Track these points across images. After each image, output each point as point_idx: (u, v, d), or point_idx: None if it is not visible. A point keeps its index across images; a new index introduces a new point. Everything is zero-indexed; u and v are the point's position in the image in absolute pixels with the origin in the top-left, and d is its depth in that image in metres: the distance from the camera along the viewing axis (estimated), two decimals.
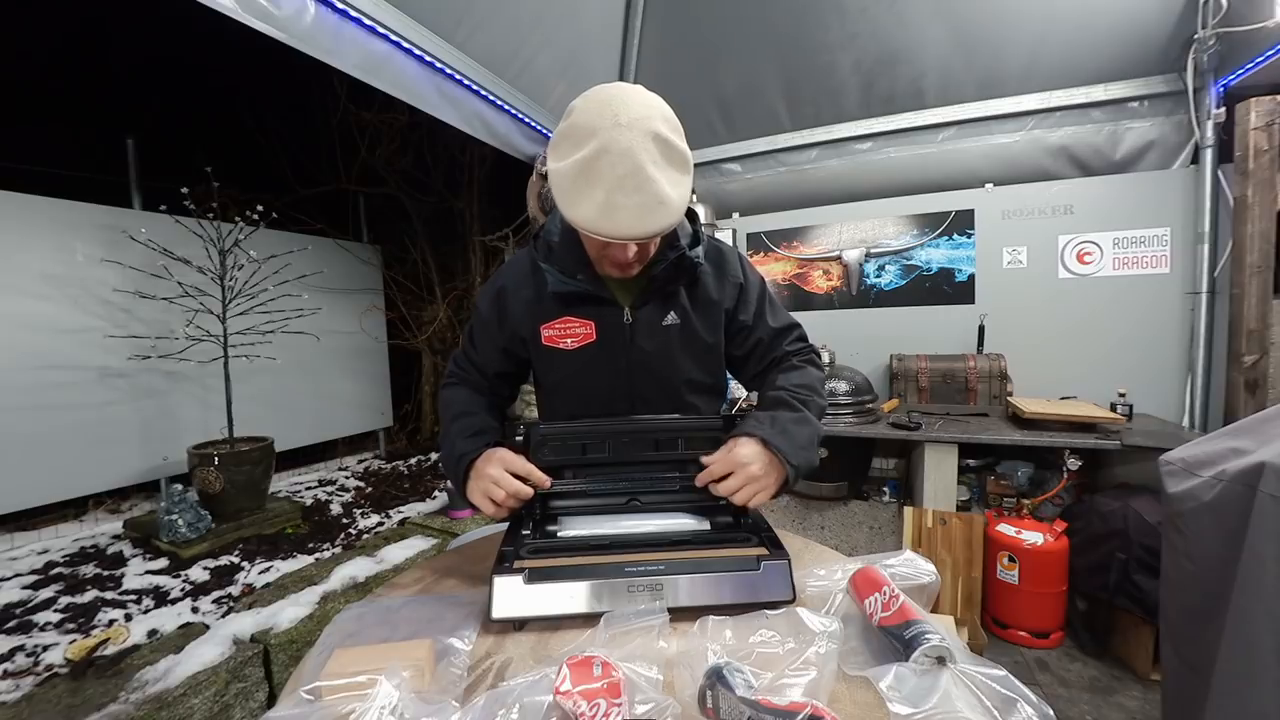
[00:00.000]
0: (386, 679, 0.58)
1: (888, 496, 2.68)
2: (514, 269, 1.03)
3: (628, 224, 0.75)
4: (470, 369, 1.07)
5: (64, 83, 3.59)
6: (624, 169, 0.73)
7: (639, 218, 0.75)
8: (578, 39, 2.75)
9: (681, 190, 0.78)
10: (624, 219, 0.75)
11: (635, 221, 0.75)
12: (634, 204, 0.74)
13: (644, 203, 0.75)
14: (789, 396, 0.95)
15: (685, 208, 0.80)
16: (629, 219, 0.75)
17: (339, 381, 3.91)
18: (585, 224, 0.76)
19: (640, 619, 0.68)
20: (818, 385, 1.00)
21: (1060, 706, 1.77)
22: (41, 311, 2.51)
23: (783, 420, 0.90)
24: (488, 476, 0.86)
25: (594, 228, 0.76)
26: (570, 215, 0.77)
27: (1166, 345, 2.47)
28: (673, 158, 0.77)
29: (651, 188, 0.74)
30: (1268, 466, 0.92)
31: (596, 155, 0.73)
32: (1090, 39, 2.45)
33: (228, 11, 1.47)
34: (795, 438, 0.88)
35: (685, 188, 0.79)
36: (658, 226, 0.77)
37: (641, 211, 0.75)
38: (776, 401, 0.95)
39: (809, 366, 1.04)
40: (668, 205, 0.76)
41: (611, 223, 0.75)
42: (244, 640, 1.65)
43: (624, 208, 0.74)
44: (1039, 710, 0.54)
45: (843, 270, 3.10)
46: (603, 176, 0.74)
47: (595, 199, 0.74)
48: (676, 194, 0.77)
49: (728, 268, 1.04)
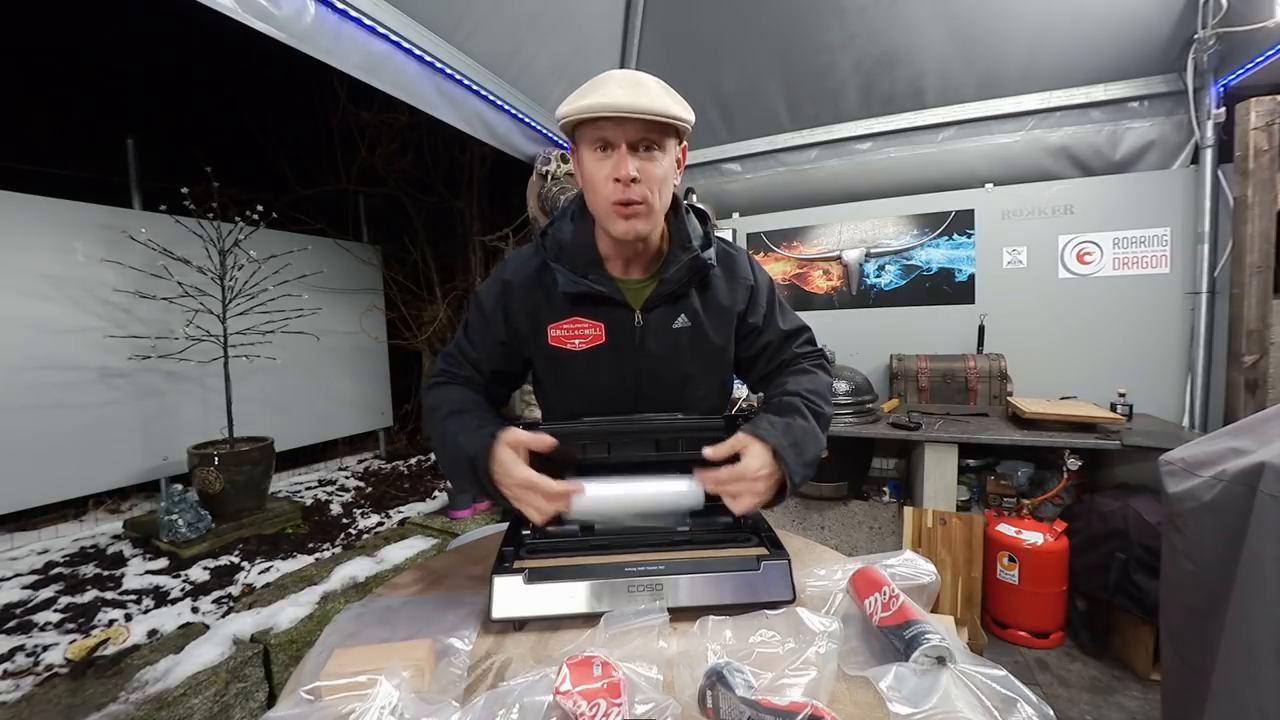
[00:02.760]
0: (386, 679, 0.58)
1: (888, 496, 2.68)
2: (519, 265, 1.00)
3: (621, 98, 0.80)
4: (465, 366, 1.01)
5: (64, 83, 3.59)
6: (625, 78, 0.84)
7: (632, 95, 0.81)
8: (577, 39, 2.75)
9: (681, 109, 0.85)
10: (618, 95, 0.80)
11: (628, 96, 0.80)
12: (630, 93, 0.81)
13: (641, 93, 0.81)
14: (804, 405, 0.92)
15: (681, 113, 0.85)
16: (621, 93, 0.81)
17: (339, 381, 3.91)
18: (579, 107, 0.81)
19: (640, 619, 0.67)
20: (827, 392, 0.98)
21: (1060, 706, 1.77)
22: (41, 311, 2.51)
23: (795, 431, 0.87)
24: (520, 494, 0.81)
25: (587, 103, 0.81)
26: (570, 111, 0.83)
27: (1166, 345, 2.47)
28: (670, 92, 0.86)
29: (648, 88, 0.83)
30: (1268, 466, 0.92)
31: (601, 77, 0.85)
32: (1090, 39, 2.45)
33: (228, 11, 1.47)
34: (804, 453, 0.86)
35: (686, 113, 0.86)
36: (649, 104, 0.81)
37: (635, 92, 0.81)
38: (792, 409, 0.91)
39: (819, 372, 1.02)
40: (663, 103, 0.82)
41: (604, 95, 0.81)
42: (244, 640, 1.65)
43: (621, 93, 0.81)
44: (1039, 710, 0.54)
45: (843, 270, 3.10)
46: (605, 81, 0.83)
47: (596, 93, 0.82)
48: (672, 101, 0.84)
49: (738, 269, 1.03)
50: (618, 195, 0.85)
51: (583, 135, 0.86)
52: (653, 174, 0.85)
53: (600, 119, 0.82)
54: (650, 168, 0.85)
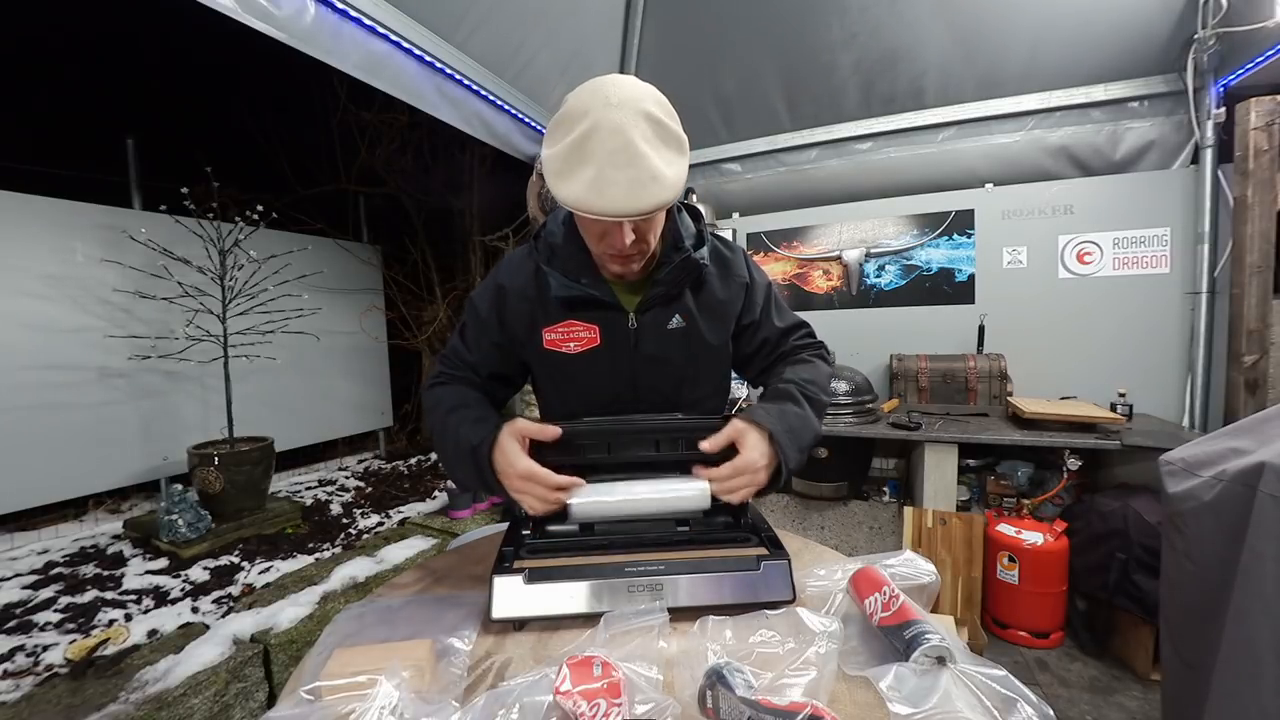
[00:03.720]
0: (386, 679, 0.58)
1: (888, 496, 2.68)
2: (513, 268, 1.00)
3: (618, 199, 0.73)
4: (462, 368, 1.01)
5: (64, 83, 3.59)
6: (615, 144, 0.72)
7: (631, 193, 0.73)
8: (578, 39, 2.75)
9: (676, 170, 0.77)
10: (615, 194, 0.73)
11: (627, 197, 0.73)
12: (625, 179, 0.73)
13: (636, 178, 0.73)
14: (798, 391, 0.93)
15: (680, 187, 0.78)
16: (620, 194, 0.73)
17: (339, 381, 3.91)
18: (575, 201, 0.75)
19: (640, 619, 0.68)
20: (824, 382, 0.99)
21: (1060, 706, 1.77)
22: (41, 311, 2.51)
23: (790, 417, 0.88)
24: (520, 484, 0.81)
25: (584, 204, 0.74)
26: (561, 194, 0.76)
27: (1166, 345, 2.47)
28: (666, 138, 0.76)
29: (643, 163, 0.73)
30: (1268, 466, 0.92)
31: (587, 134, 0.73)
32: (1090, 39, 2.45)
33: (228, 11, 1.47)
34: (799, 438, 0.87)
35: (680, 167, 0.78)
36: (650, 203, 0.75)
37: (633, 186, 0.73)
38: (785, 395, 0.93)
39: (818, 361, 1.03)
40: (661, 181, 0.74)
41: (602, 198, 0.73)
42: (244, 640, 1.65)
43: (615, 183, 0.73)
44: (1039, 710, 0.54)
45: (843, 270, 3.10)
46: (594, 153, 0.73)
47: (586, 176, 0.73)
48: (671, 171, 0.76)
49: (733, 267, 1.02)
50: (613, 254, 0.84)
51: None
52: (649, 229, 0.84)
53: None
54: (646, 225, 0.83)
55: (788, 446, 0.84)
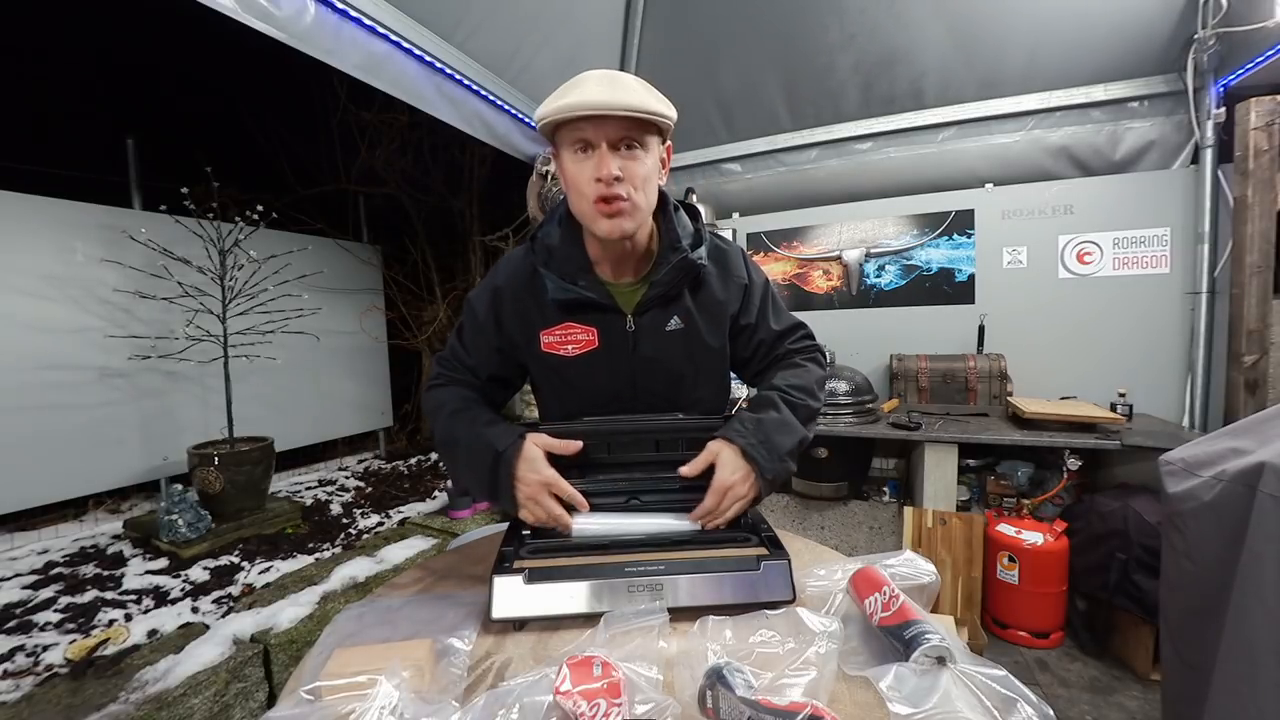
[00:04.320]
0: (386, 679, 0.58)
1: (888, 496, 2.68)
2: (510, 271, 0.99)
3: (596, 93, 0.78)
4: (461, 371, 1.01)
5: (64, 82, 3.59)
6: (600, 75, 0.82)
7: (610, 91, 0.79)
8: (577, 39, 2.75)
9: (662, 106, 0.83)
10: (598, 93, 0.79)
11: (605, 92, 0.78)
12: (608, 85, 0.80)
13: (617, 87, 0.80)
14: (780, 398, 0.94)
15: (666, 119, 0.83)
16: (603, 92, 0.79)
17: (339, 381, 3.91)
18: (555, 108, 0.79)
19: (640, 619, 0.67)
20: (814, 386, 0.99)
21: (1060, 706, 1.77)
22: (41, 311, 2.51)
23: (767, 426, 0.89)
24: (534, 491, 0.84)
25: (563, 104, 0.79)
26: (548, 113, 0.81)
27: (1166, 345, 2.47)
28: (650, 89, 0.83)
29: (626, 84, 0.81)
30: (1268, 466, 0.92)
31: (578, 78, 0.82)
32: (1090, 39, 2.45)
33: (228, 11, 1.47)
34: (776, 447, 0.87)
35: (667, 107, 0.84)
36: (630, 100, 0.79)
37: (613, 87, 0.79)
38: (766, 403, 0.94)
39: (810, 365, 1.03)
40: (644, 97, 0.80)
41: (585, 98, 0.78)
42: (244, 640, 1.64)
43: (595, 83, 0.80)
44: (1039, 710, 0.54)
45: (843, 270, 3.10)
46: (582, 81, 0.81)
47: (574, 93, 0.79)
48: (652, 98, 0.82)
49: (732, 267, 1.02)
50: (600, 193, 0.83)
51: (562, 137, 0.84)
52: (635, 172, 0.84)
53: (579, 119, 0.80)
54: (633, 166, 0.83)
55: (762, 458, 0.85)
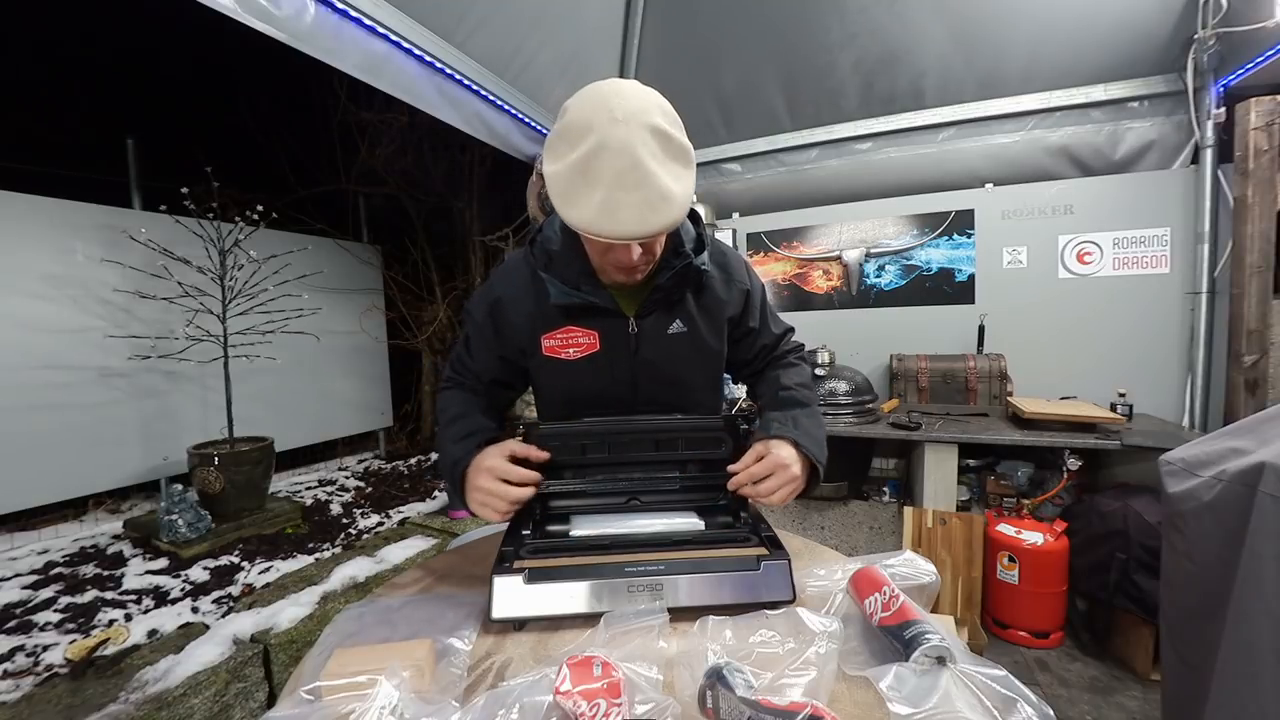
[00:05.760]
0: (386, 679, 0.58)
1: (888, 496, 2.68)
2: (510, 276, 0.99)
3: (630, 223, 0.72)
4: (466, 374, 1.04)
5: (64, 83, 3.59)
6: (622, 164, 0.70)
7: (641, 215, 0.72)
8: (578, 39, 2.75)
9: (684, 185, 0.75)
10: (625, 217, 0.72)
11: (637, 220, 0.72)
12: (635, 201, 0.71)
13: (645, 199, 0.71)
14: (800, 395, 1.01)
15: (689, 203, 0.77)
16: (631, 217, 0.72)
17: (339, 381, 3.91)
18: (585, 226, 0.73)
19: (640, 619, 0.67)
20: (811, 382, 1.08)
21: (1060, 706, 1.76)
22: (41, 311, 2.51)
23: (802, 421, 0.95)
24: (482, 490, 0.85)
25: (594, 229, 0.73)
26: (569, 217, 0.74)
27: (1166, 345, 2.47)
28: (673, 151, 0.74)
29: (652, 182, 0.71)
30: (1268, 466, 0.91)
31: (593, 153, 0.71)
32: (1090, 39, 2.45)
33: (228, 11, 1.47)
34: (816, 437, 0.94)
35: (688, 181, 0.76)
36: (661, 224, 0.73)
37: (643, 209, 0.72)
38: (790, 401, 1.00)
39: (803, 365, 1.11)
40: (670, 200, 0.73)
41: (613, 222, 0.72)
42: (244, 640, 1.64)
43: (625, 205, 0.71)
44: (1039, 710, 0.54)
45: (843, 270, 3.10)
46: (601, 175, 0.71)
47: (594, 199, 0.71)
48: (679, 188, 0.74)
49: (734, 274, 1.04)
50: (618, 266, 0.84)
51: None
52: (654, 241, 0.84)
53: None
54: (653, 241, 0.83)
55: (811, 447, 0.91)
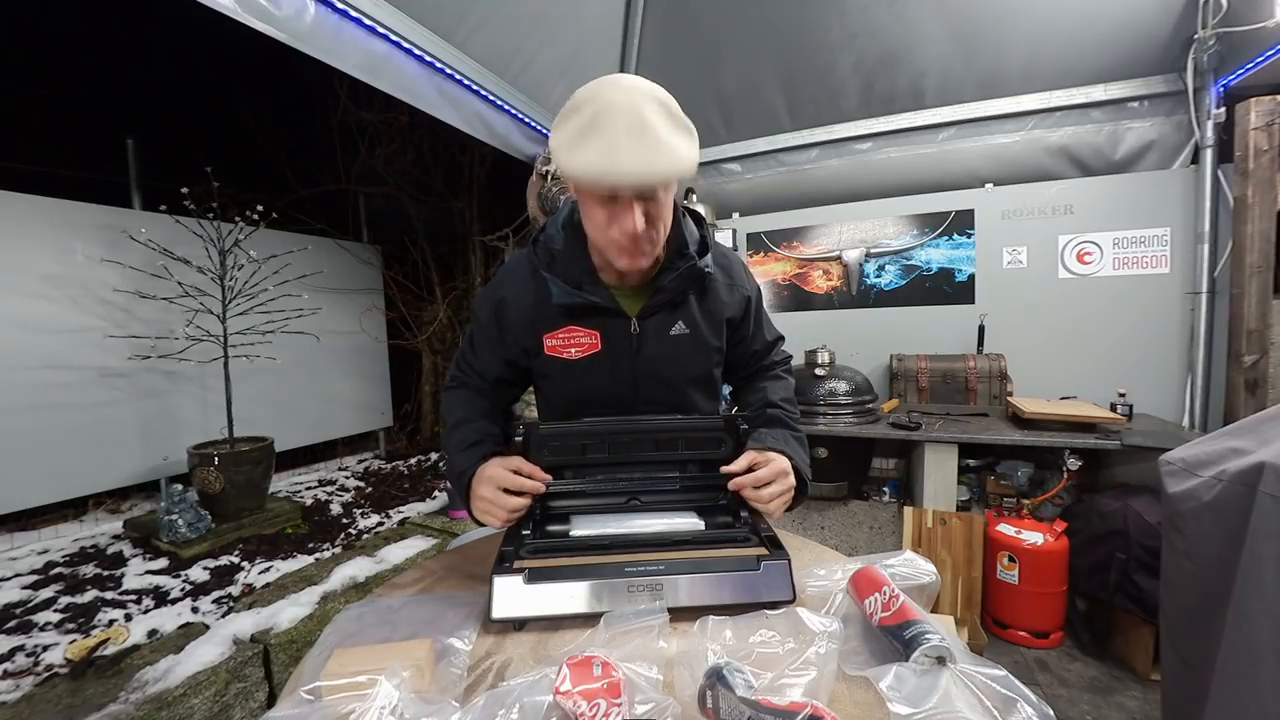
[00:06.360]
0: (386, 679, 0.58)
1: (888, 496, 2.68)
2: (513, 276, 1.00)
3: (632, 164, 0.73)
4: (471, 374, 1.05)
5: (64, 82, 3.59)
6: (627, 118, 0.73)
7: (644, 159, 0.73)
8: (578, 39, 2.75)
9: (688, 149, 0.78)
10: (628, 159, 0.73)
11: (641, 163, 0.73)
12: (639, 147, 0.73)
13: (649, 147, 0.73)
14: (786, 417, 1.03)
15: (693, 166, 0.78)
16: (633, 159, 0.73)
17: (339, 381, 3.91)
18: (587, 168, 0.74)
19: (640, 619, 0.67)
20: (795, 398, 1.11)
21: (1060, 706, 1.77)
22: (41, 311, 2.51)
23: (792, 443, 0.97)
24: (484, 499, 0.86)
25: (597, 170, 0.73)
26: (573, 165, 0.75)
27: (1166, 345, 2.47)
28: (676, 123, 0.77)
29: (656, 133, 0.74)
30: (1268, 466, 0.91)
31: (599, 111, 0.73)
32: (1090, 39, 2.45)
33: (228, 11, 1.47)
34: (805, 460, 0.97)
35: (691, 149, 0.78)
36: (665, 170, 0.75)
37: (647, 154, 0.73)
38: (777, 421, 1.02)
39: (789, 378, 1.14)
40: (674, 152, 0.75)
41: (615, 164, 0.73)
42: (244, 640, 1.64)
43: (628, 150, 0.73)
44: (1039, 710, 0.54)
45: (843, 270, 3.10)
46: (606, 125, 0.73)
47: (598, 144, 0.73)
48: (684, 148, 0.77)
49: (736, 277, 1.05)
50: (624, 242, 0.83)
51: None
52: (658, 215, 0.83)
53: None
54: (656, 209, 0.82)
55: (803, 468, 0.94)
